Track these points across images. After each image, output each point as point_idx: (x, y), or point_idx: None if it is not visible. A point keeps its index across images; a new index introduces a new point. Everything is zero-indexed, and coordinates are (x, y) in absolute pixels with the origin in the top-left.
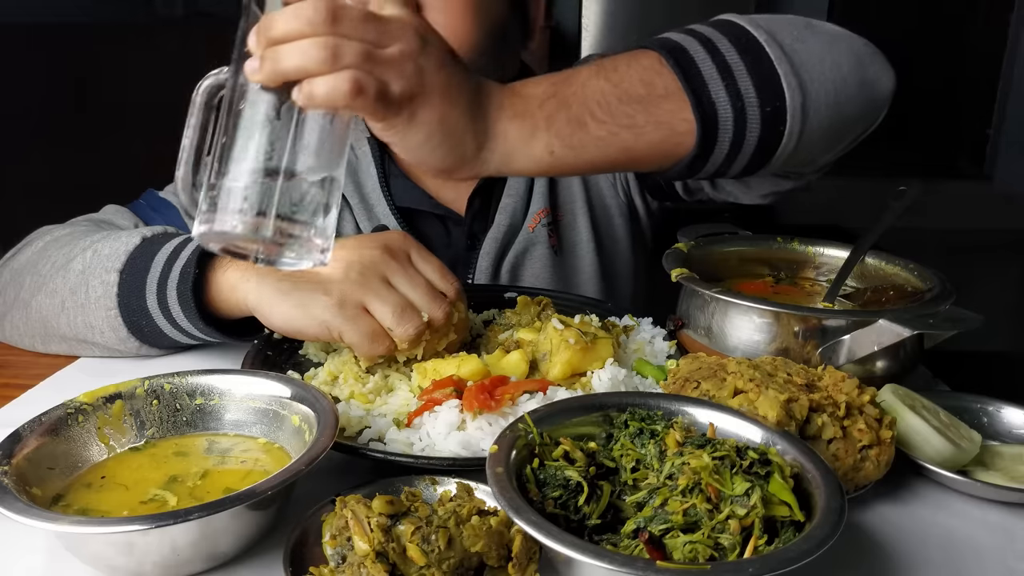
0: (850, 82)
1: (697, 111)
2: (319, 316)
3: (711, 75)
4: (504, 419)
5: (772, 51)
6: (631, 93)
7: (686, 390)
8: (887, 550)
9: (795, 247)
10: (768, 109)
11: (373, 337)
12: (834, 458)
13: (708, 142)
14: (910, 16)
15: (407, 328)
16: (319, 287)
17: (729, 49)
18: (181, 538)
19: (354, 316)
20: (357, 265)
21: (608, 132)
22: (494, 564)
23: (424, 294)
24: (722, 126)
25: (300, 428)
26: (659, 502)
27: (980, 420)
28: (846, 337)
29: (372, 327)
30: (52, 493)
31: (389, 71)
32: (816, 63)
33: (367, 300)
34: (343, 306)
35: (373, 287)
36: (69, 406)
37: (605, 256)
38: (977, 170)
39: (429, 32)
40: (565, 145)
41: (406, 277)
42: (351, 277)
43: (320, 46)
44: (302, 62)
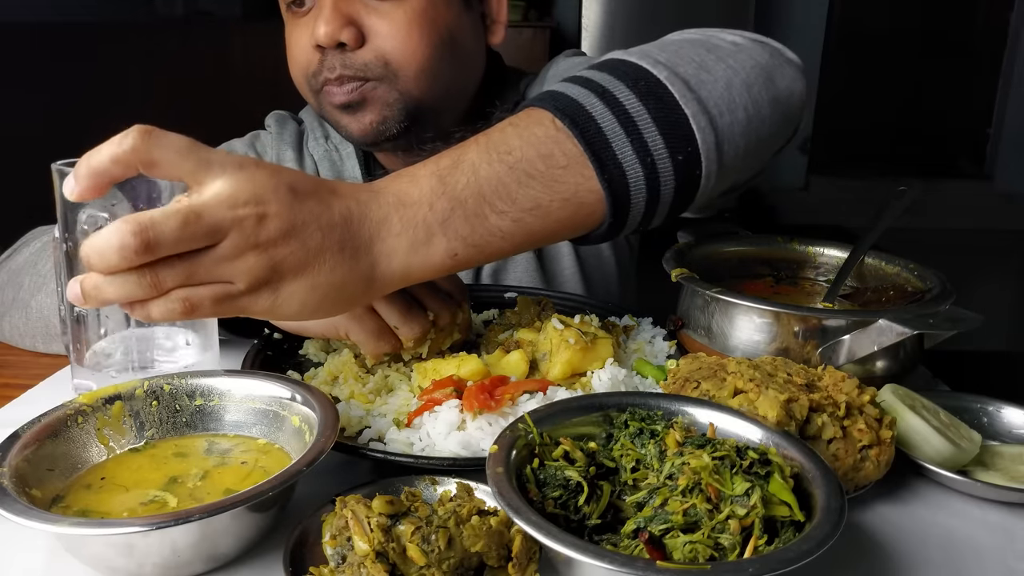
0: (762, 103)
1: (603, 179)
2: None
3: (613, 131)
4: (504, 419)
5: (675, 89)
6: (529, 172)
7: (686, 390)
8: (887, 550)
9: (795, 247)
10: (680, 157)
11: (379, 335)
12: (834, 458)
13: (621, 207)
14: (910, 16)
15: (413, 327)
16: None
17: (628, 96)
18: (181, 539)
19: (360, 315)
20: None
21: (511, 221)
22: (494, 564)
23: (430, 294)
24: (633, 187)
25: (300, 429)
26: (659, 502)
27: (980, 420)
28: (846, 337)
29: (378, 325)
30: (51, 494)
31: (226, 273)
32: (723, 92)
33: (375, 301)
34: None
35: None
36: (69, 407)
37: (584, 259)
38: (977, 170)
39: (259, 196)
40: (467, 245)
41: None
42: None
43: (139, 281)
44: (126, 293)
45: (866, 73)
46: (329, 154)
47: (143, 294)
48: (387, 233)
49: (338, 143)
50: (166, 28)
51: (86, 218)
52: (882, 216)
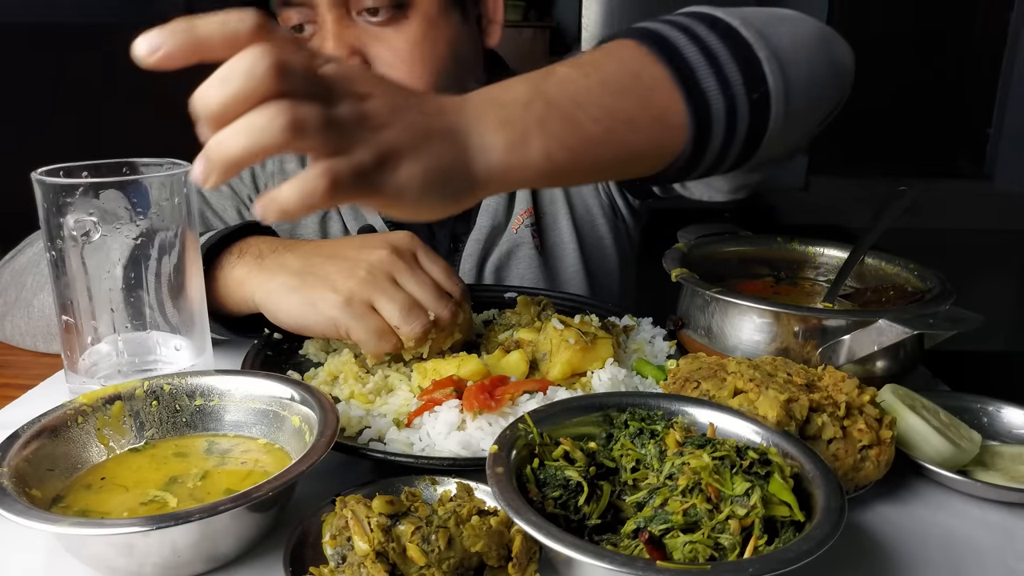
0: (821, 63)
1: (689, 103)
2: (327, 313)
3: (698, 62)
4: (504, 419)
5: (749, 35)
6: (620, 87)
7: (686, 390)
8: (887, 550)
9: (795, 247)
10: (755, 96)
11: (380, 335)
12: (834, 458)
13: (703, 136)
14: (910, 16)
15: (414, 326)
16: (327, 284)
17: (709, 35)
18: (181, 539)
19: (362, 314)
20: (365, 264)
21: (605, 130)
22: (494, 564)
23: (431, 293)
24: (715, 117)
25: (300, 429)
26: (659, 502)
27: (980, 420)
28: (846, 337)
29: (379, 325)
30: (52, 494)
31: (353, 134)
32: (789, 45)
33: (375, 298)
34: (351, 304)
35: (381, 286)
36: (68, 407)
37: (588, 255)
38: (977, 170)
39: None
40: (563, 147)
41: (413, 277)
42: (359, 275)
43: (275, 117)
44: (259, 138)
45: (866, 73)
46: None
47: (280, 138)
48: (484, 128)
49: None
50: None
51: (73, 223)
52: (882, 216)
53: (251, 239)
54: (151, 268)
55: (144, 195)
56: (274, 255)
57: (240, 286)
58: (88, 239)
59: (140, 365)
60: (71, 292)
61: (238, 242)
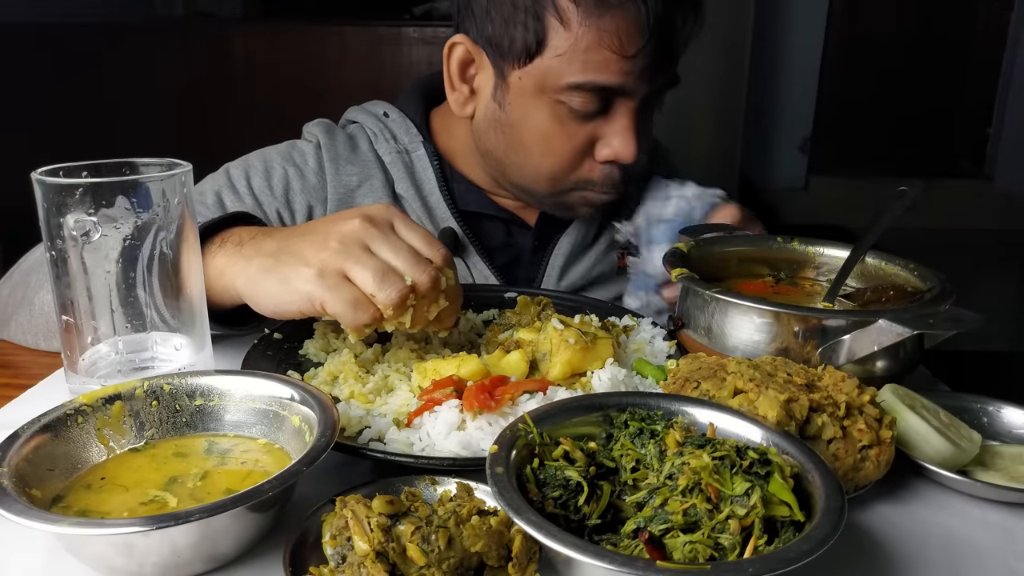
0: None
1: None
2: (301, 288)
3: None
4: (504, 419)
5: None
6: None
7: (686, 390)
8: (887, 550)
9: (795, 247)
10: None
11: (356, 305)
12: (834, 458)
13: None
14: (910, 16)
15: (389, 292)
16: (299, 260)
17: None
18: (181, 539)
19: (335, 284)
20: (336, 235)
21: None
22: (494, 564)
23: (407, 259)
24: None
25: (300, 429)
26: (659, 502)
27: (980, 420)
28: (846, 337)
29: (354, 294)
30: (52, 494)
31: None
32: None
33: (347, 267)
34: (323, 275)
35: (353, 254)
36: (68, 407)
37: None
38: (977, 170)
39: None
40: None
41: (387, 243)
42: (330, 246)
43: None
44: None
45: (866, 73)
46: (401, 156)
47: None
48: None
49: (408, 146)
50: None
51: (73, 223)
52: (882, 216)
53: (234, 229)
54: (151, 268)
55: (144, 195)
56: (252, 241)
57: (221, 276)
58: (88, 239)
59: (140, 365)
60: (71, 292)
61: (221, 232)
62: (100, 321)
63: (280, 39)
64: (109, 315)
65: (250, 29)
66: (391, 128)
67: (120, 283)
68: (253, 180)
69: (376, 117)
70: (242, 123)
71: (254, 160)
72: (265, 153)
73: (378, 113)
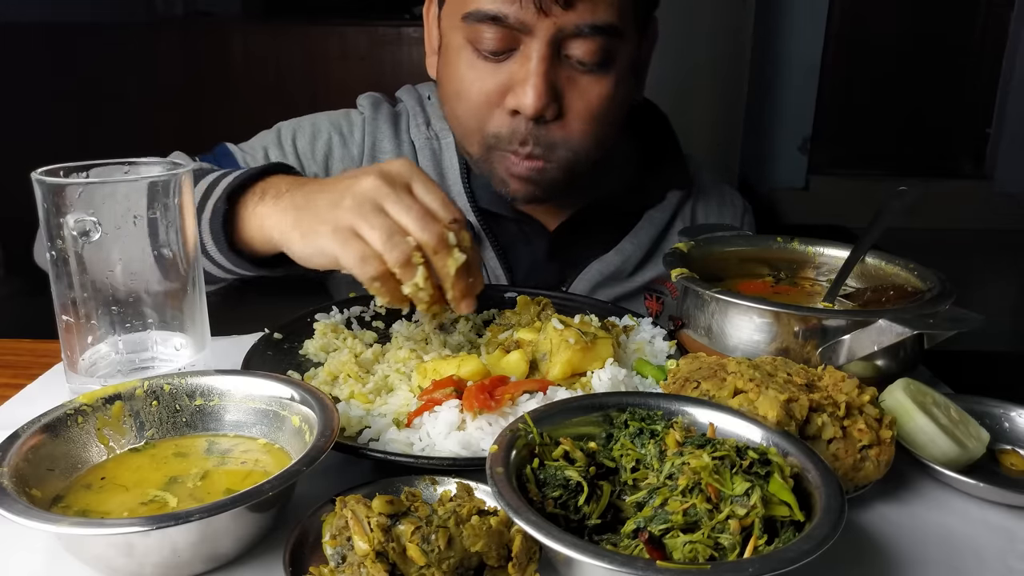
0: None
1: None
2: (318, 243)
3: None
4: (504, 419)
5: None
6: None
7: (686, 390)
8: (887, 550)
9: (795, 247)
10: None
11: (364, 259)
12: (834, 458)
13: None
14: (910, 16)
15: (395, 253)
16: (317, 217)
17: None
18: (181, 539)
19: (345, 240)
20: (351, 193)
21: None
22: (494, 564)
23: (416, 218)
24: None
25: (300, 429)
26: (659, 502)
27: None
28: (846, 337)
29: (363, 250)
30: (52, 494)
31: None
32: None
33: (357, 224)
34: (336, 232)
35: (363, 212)
36: (68, 407)
37: None
38: (977, 170)
39: None
40: None
41: (399, 203)
42: (344, 204)
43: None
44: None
45: (866, 73)
46: (430, 142)
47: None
48: None
49: (439, 132)
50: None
51: (73, 223)
52: (881, 216)
53: (273, 178)
54: (151, 267)
55: (144, 195)
56: (287, 194)
57: (261, 228)
58: (88, 239)
59: (140, 365)
60: (71, 292)
61: (261, 183)
62: (100, 321)
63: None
64: (109, 315)
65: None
66: (428, 112)
67: (120, 283)
68: (298, 141)
69: (419, 99)
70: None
71: (305, 122)
72: (317, 117)
73: (423, 95)
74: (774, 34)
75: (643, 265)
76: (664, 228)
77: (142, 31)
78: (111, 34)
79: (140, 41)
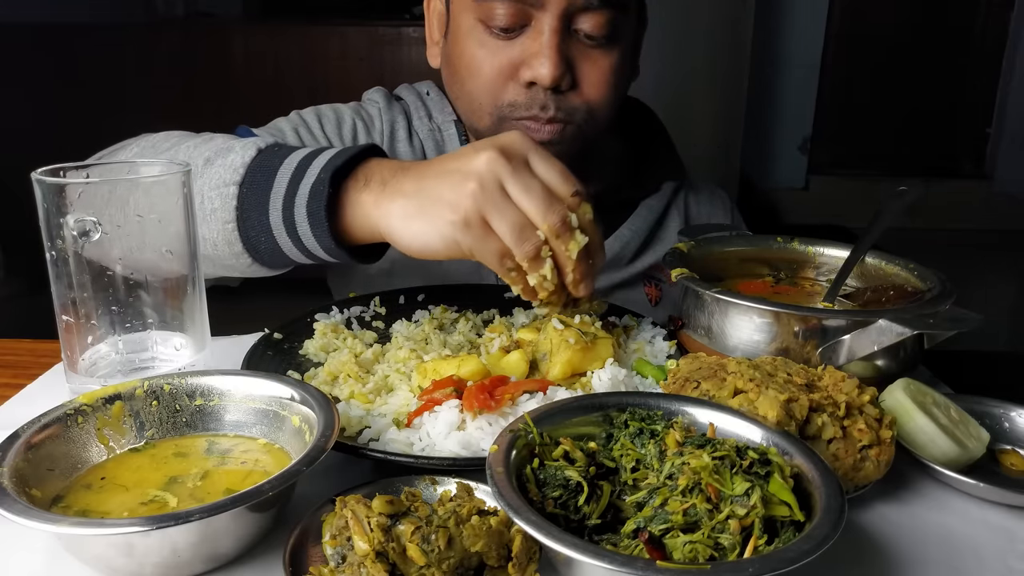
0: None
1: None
2: (448, 235)
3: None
4: (504, 419)
5: None
6: None
7: (686, 390)
8: (887, 550)
9: (795, 247)
10: None
11: (501, 257)
12: (834, 458)
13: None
14: (910, 15)
15: (525, 247)
16: (441, 204)
17: None
18: (182, 539)
19: (483, 235)
20: (474, 175)
21: None
22: (494, 564)
23: (538, 200)
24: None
25: (300, 429)
26: (659, 502)
27: (1002, 426)
28: (846, 337)
29: (499, 248)
30: (52, 494)
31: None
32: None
33: (487, 214)
34: (469, 225)
35: (492, 199)
36: (68, 407)
37: None
38: (977, 170)
39: None
40: None
41: (520, 182)
42: (469, 188)
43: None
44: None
45: (866, 73)
46: (433, 134)
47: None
48: None
49: (441, 124)
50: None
51: (73, 223)
52: (881, 216)
53: (372, 163)
54: (151, 268)
55: (144, 195)
56: (393, 180)
57: (367, 217)
58: (88, 239)
59: (140, 365)
60: (71, 292)
61: (361, 167)
62: (100, 321)
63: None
64: (109, 315)
65: (251, 29)
66: (428, 106)
67: (120, 283)
68: (325, 126)
69: (418, 95)
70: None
71: (325, 109)
72: (334, 106)
73: (422, 92)
74: (774, 34)
75: (641, 252)
76: (660, 216)
77: (142, 32)
78: (111, 35)
79: (140, 42)
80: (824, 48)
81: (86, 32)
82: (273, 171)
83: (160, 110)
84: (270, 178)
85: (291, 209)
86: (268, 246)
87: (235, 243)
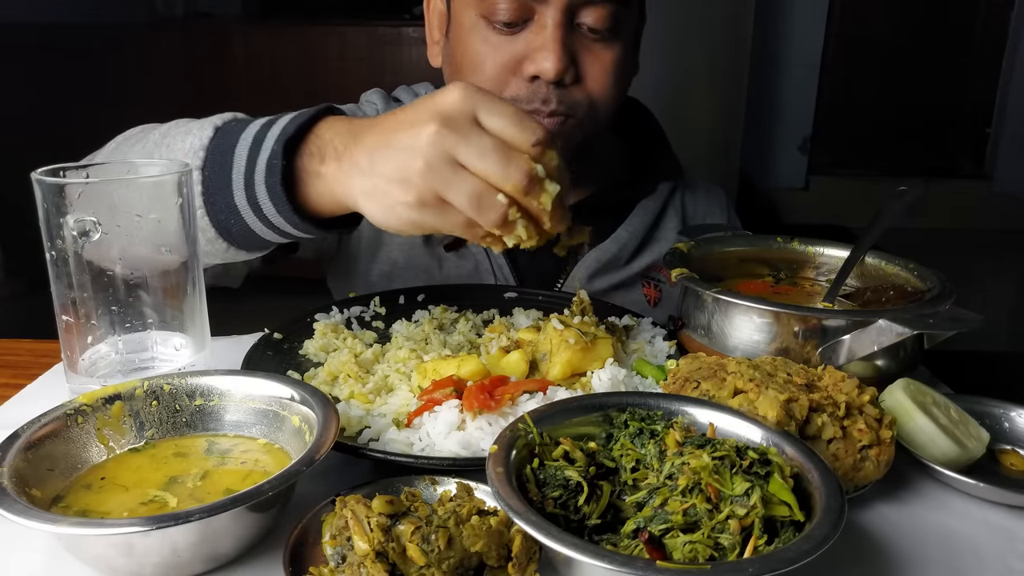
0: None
1: None
2: (406, 216)
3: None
4: (504, 419)
5: None
6: None
7: (686, 390)
8: (887, 550)
9: (795, 247)
10: None
11: (467, 227)
12: (834, 458)
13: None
14: (910, 16)
15: (489, 216)
16: (396, 185)
17: None
18: (182, 539)
19: (441, 212)
20: (419, 154)
21: None
22: (494, 564)
23: (495, 160)
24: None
25: (300, 429)
26: (659, 502)
27: (1002, 425)
28: (846, 337)
29: (463, 220)
30: (52, 494)
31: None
32: None
33: (440, 191)
34: (424, 204)
35: (442, 175)
36: (68, 407)
37: None
38: (977, 170)
39: None
40: None
41: (472, 147)
42: (415, 167)
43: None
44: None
45: (866, 73)
46: None
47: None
48: None
49: None
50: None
51: (73, 223)
52: (881, 216)
53: (323, 128)
54: (151, 267)
55: (144, 195)
56: (347, 152)
57: (332, 193)
58: (88, 239)
59: (140, 365)
60: (71, 292)
61: (312, 134)
62: (100, 321)
63: (280, 39)
64: (109, 315)
65: (250, 29)
66: None
67: (120, 283)
68: None
69: (416, 96)
70: None
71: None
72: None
73: (420, 93)
74: (774, 34)
75: (638, 253)
76: (657, 216)
77: (142, 32)
78: (111, 35)
79: (140, 42)
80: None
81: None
82: (231, 149)
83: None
84: (228, 156)
85: (252, 188)
86: (239, 228)
87: (207, 229)
